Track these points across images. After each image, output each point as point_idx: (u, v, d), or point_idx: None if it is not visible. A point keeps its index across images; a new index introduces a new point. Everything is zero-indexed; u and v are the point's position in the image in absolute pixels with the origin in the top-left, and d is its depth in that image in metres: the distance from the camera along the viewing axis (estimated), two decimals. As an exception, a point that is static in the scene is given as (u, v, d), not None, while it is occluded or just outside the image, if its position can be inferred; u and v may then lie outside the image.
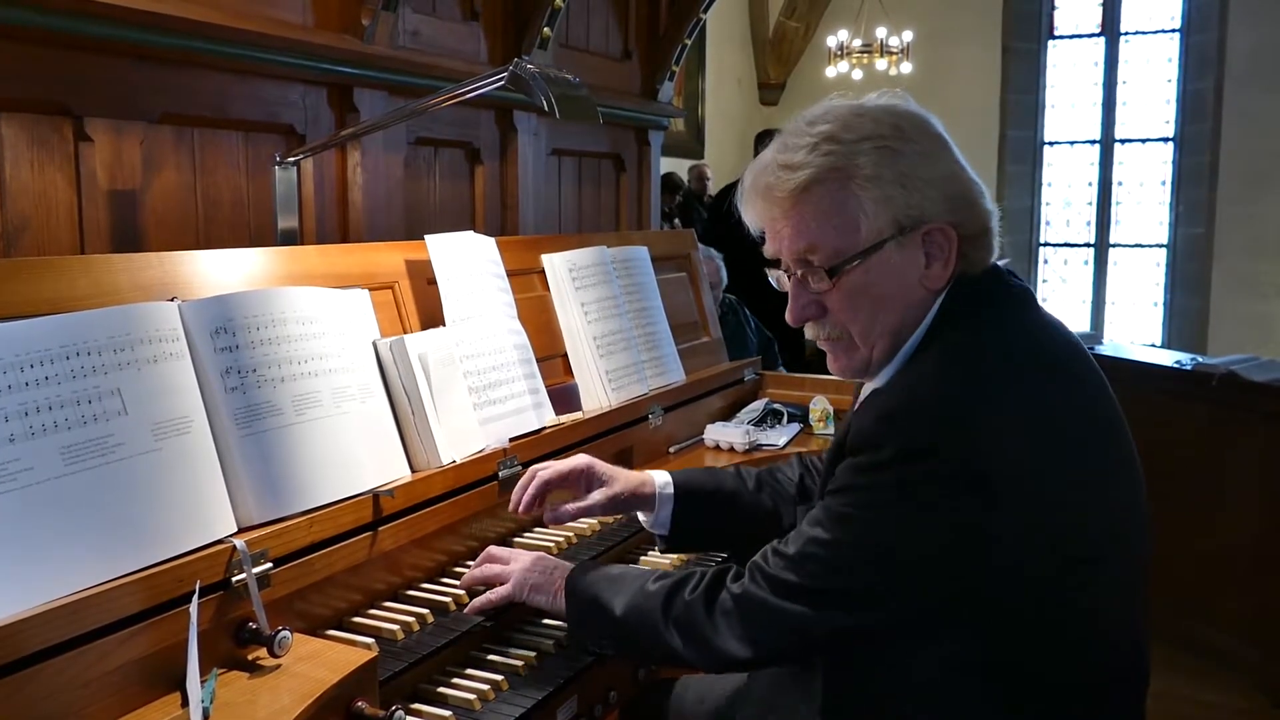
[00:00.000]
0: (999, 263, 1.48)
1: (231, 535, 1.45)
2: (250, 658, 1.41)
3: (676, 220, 8.93)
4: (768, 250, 1.49)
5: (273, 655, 1.39)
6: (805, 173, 1.39)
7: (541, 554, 1.76)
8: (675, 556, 2.07)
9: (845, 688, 1.43)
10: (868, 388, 1.52)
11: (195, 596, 1.32)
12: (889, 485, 1.30)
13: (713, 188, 10.29)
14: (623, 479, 1.84)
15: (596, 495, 1.81)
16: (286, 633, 1.39)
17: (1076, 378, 1.40)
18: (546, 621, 1.77)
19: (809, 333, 1.51)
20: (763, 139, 6.36)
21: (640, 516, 1.90)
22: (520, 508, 1.80)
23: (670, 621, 1.47)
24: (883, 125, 1.39)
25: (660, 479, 1.86)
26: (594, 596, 1.58)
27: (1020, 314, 1.43)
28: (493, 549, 1.80)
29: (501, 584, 1.69)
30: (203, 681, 1.29)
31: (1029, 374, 1.35)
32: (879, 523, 1.32)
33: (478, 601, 1.67)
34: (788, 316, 1.49)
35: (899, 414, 1.33)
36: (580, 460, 1.84)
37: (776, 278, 1.53)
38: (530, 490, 1.80)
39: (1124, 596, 1.40)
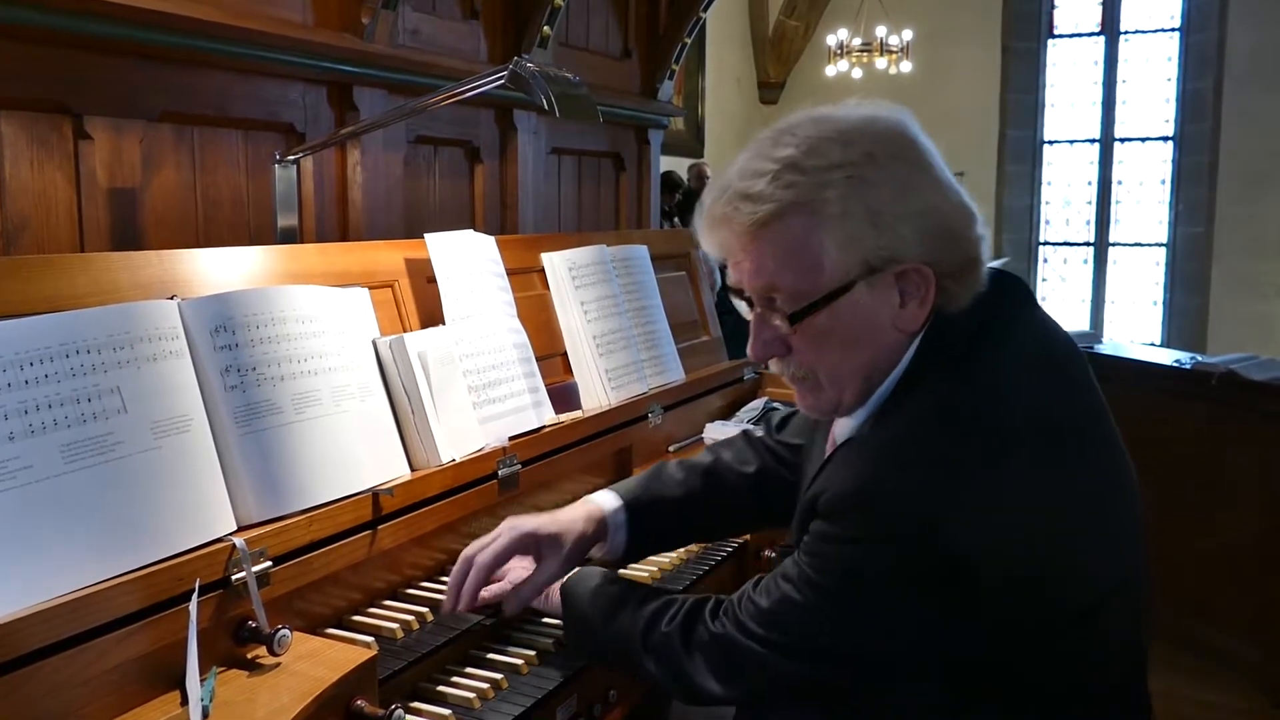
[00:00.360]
0: (994, 265, 1.36)
1: (231, 534, 1.45)
2: (250, 656, 1.41)
3: (676, 219, 8.93)
4: (730, 278, 1.37)
5: (272, 654, 1.39)
6: (765, 207, 1.26)
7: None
8: (674, 555, 2.06)
9: (845, 709, 1.38)
10: (840, 430, 1.42)
11: (194, 595, 1.32)
12: (864, 565, 1.24)
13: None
14: (568, 527, 1.66)
15: (550, 564, 1.64)
16: (286, 631, 1.39)
17: (1070, 428, 1.31)
18: (546, 620, 1.77)
19: (774, 368, 1.40)
20: None
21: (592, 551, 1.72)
22: (462, 605, 1.59)
23: (649, 650, 1.45)
24: (854, 150, 1.25)
25: (608, 504, 1.71)
26: (582, 615, 1.57)
27: (1006, 355, 1.30)
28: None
29: (496, 583, 1.68)
30: (202, 680, 1.29)
31: (1015, 441, 1.24)
32: (853, 599, 1.26)
33: (466, 598, 1.65)
34: (749, 352, 1.37)
35: (874, 495, 1.24)
36: (513, 534, 1.64)
37: (741, 306, 1.40)
38: (470, 582, 1.59)
39: (1123, 638, 1.36)
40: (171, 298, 1.53)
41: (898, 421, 1.29)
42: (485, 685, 1.54)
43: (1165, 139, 10.66)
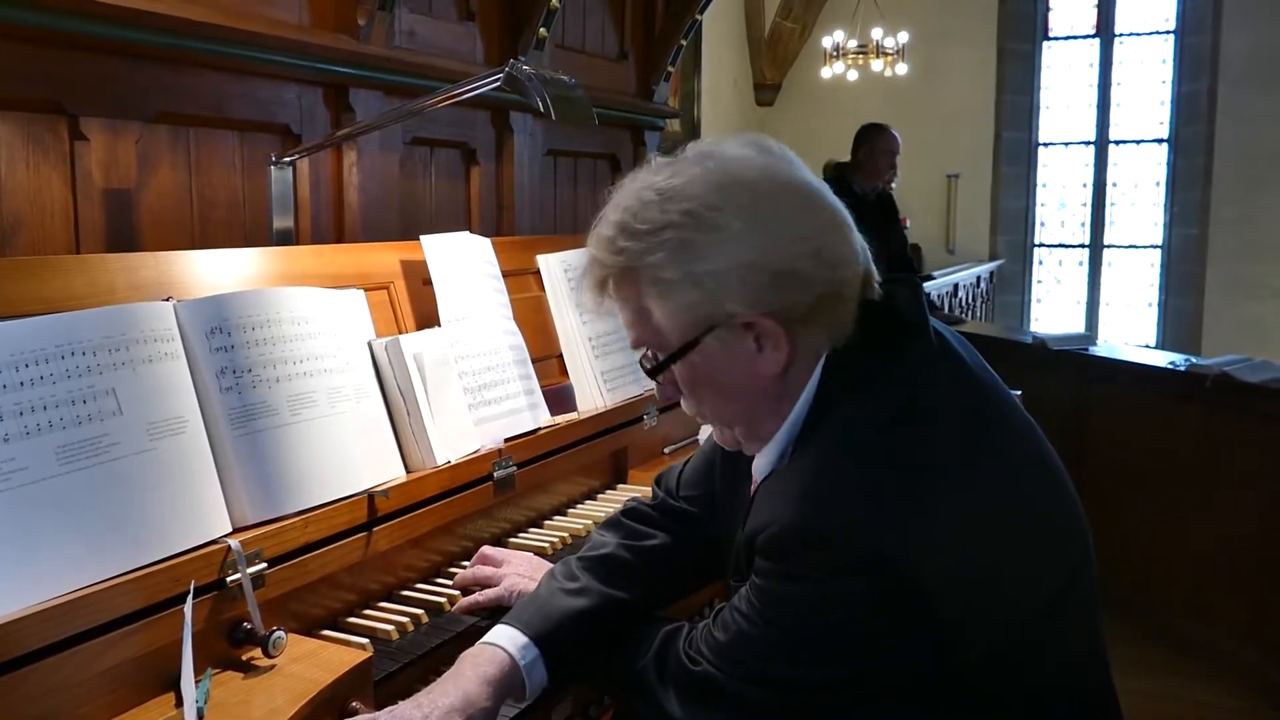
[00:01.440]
0: (883, 288, 1.32)
1: (226, 535, 1.45)
2: (245, 658, 1.41)
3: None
4: None
5: (267, 655, 1.39)
6: (601, 272, 1.31)
7: (533, 556, 1.75)
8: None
9: None
10: (759, 467, 1.38)
11: (190, 596, 1.32)
12: (815, 598, 1.21)
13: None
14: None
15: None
16: (281, 633, 1.39)
17: (984, 425, 1.30)
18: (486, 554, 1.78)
19: (686, 409, 1.40)
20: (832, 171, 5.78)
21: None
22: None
23: (631, 684, 1.41)
24: (672, 210, 1.23)
25: (514, 648, 1.42)
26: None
27: (906, 367, 1.28)
28: (486, 549, 1.80)
29: (492, 586, 1.68)
30: (197, 682, 1.29)
31: (935, 452, 1.23)
32: (809, 631, 1.23)
33: (465, 601, 1.68)
34: (657, 395, 1.42)
35: (813, 531, 1.20)
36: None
37: None
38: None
39: (1084, 622, 1.35)
40: (167, 299, 1.53)
41: (814, 453, 1.27)
42: (481, 687, 1.54)
43: (1160, 141, 10.69)
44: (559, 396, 2.28)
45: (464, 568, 1.85)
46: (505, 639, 1.42)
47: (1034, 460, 1.34)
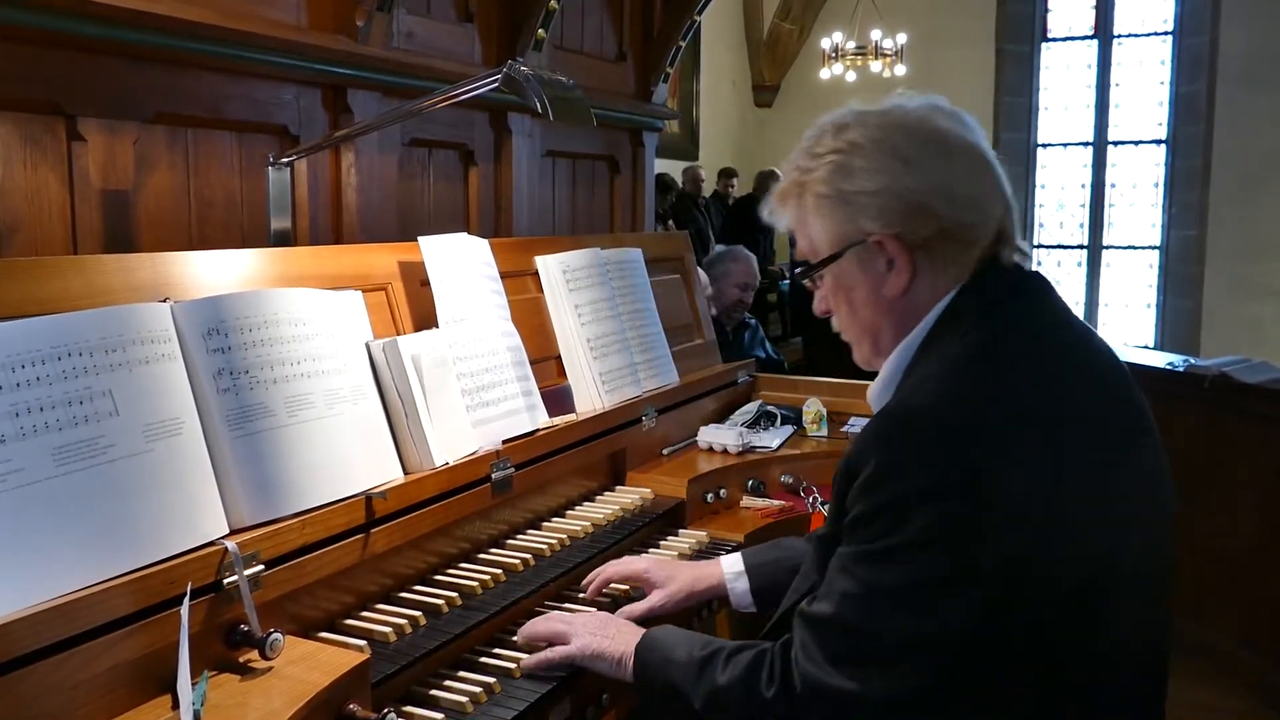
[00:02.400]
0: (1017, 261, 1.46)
1: (223, 537, 1.44)
2: (242, 660, 1.41)
3: (670, 222, 8.94)
4: None
5: (264, 657, 1.38)
6: (783, 185, 1.53)
7: (608, 616, 1.70)
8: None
9: None
10: (873, 402, 1.51)
11: (186, 598, 1.32)
12: (888, 507, 1.28)
13: (706, 189, 10.31)
14: (679, 581, 1.85)
15: (656, 596, 1.83)
16: (278, 635, 1.39)
17: (1076, 396, 1.37)
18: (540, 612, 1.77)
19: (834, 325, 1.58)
20: None
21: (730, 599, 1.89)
22: (589, 591, 1.90)
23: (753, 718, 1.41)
24: (842, 138, 1.44)
25: (730, 570, 1.86)
26: (668, 684, 1.50)
27: (1024, 315, 1.41)
28: (554, 614, 1.75)
29: (563, 643, 1.63)
30: (194, 684, 1.29)
31: (1025, 387, 1.33)
32: (891, 553, 1.28)
33: (535, 658, 1.62)
34: (814, 307, 1.59)
35: (889, 427, 1.33)
36: (638, 566, 1.90)
37: None
38: (595, 583, 1.90)
39: (1141, 633, 1.38)
40: (164, 300, 1.52)
41: (913, 381, 1.41)
42: (478, 689, 1.54)
43: (1158, 142, 10.70)
44: (557, 398, 2.28)
45: (462, 570, 1.85)
46: (729, 564, 1.87)
47: (1129, 444, 1.40)
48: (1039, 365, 1.37)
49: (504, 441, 1.99)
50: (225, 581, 1.40)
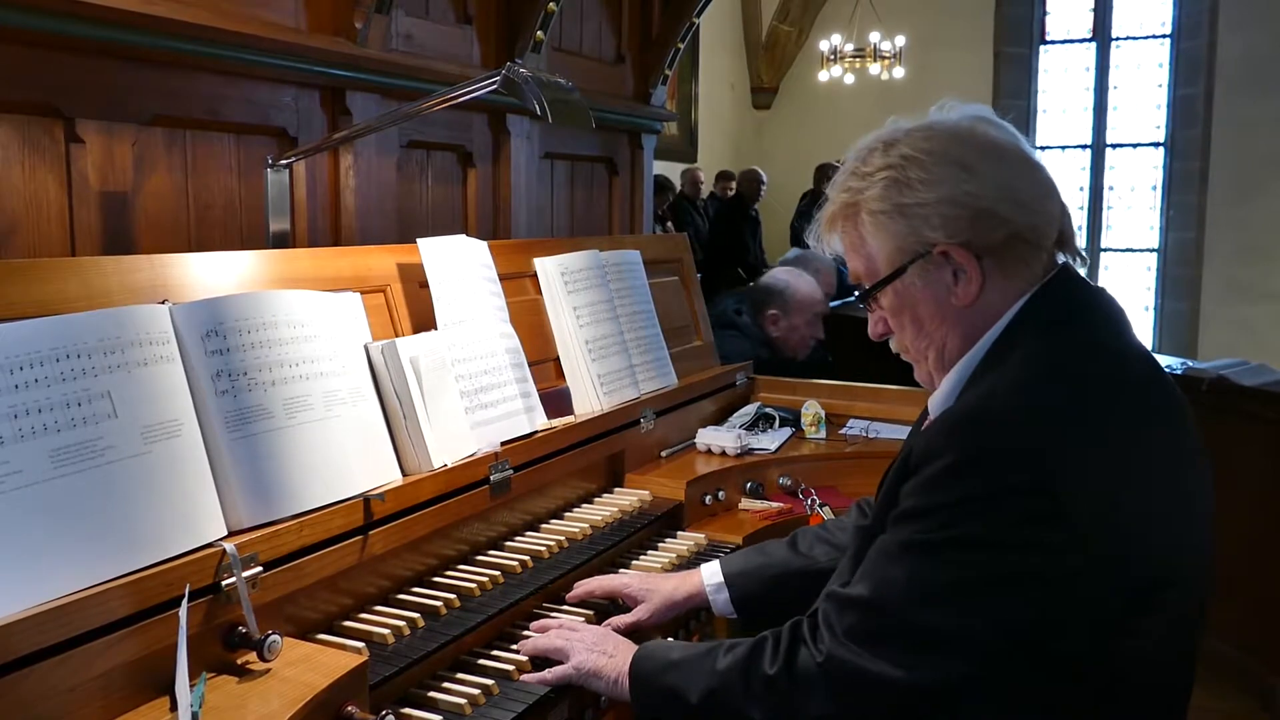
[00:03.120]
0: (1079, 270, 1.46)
1: (221, 539, 1.44)
2: (239, 662, 1.41)
3: (669, 223, 8.95)
4: None
5: (262, 659, 1.38)
6: (832, 208, 1.50)
7: (606, 631, 1.69)
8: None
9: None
10: (935, 408, 1.50)
11: (184, 600, 1.32)
12: (958, 502, 1.28)
13: (704, 191, 10.32)
14: (660, 593, 1.84)
15: (640, 611, 1.82)
16: (276, 637, 1.39)
17: (1149, 402, 1.38)
18: (538, 624, 1.77)
19: (893, 346, 1.56)
20: None
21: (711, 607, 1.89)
22: (570, 596, 1.89)
23: (754, 702, 1.40)
24: (892, 154, 1.42)
25: (710, 580, 1.85)
26: (664, 688, 1.50)
27: (1092, 329, 1.40)
28: (554, 629, 1.72)
29: (561, 659, 1.62)
30: (191, 686, 1.29)
31: (1100, 392, 1.32)
32: (952, 545, 1.28)
33: (532, 677, 1.61)
34: (869, 330, 1.57)
35: (966, 424, 1.32)
36: (619, 581, 1.89)
37: None
38: (577, 592, 1.89)
39: (1181, 638, 1.37)
40: (163, 302, 1.52)
41: (989, 382, 1.38)
42: (477, 691, 1.54)
43: (1156, 145, 10.71)
44: (556, 400, 2.28)
45: (460, 571, 1.85)
46: (708, 572, 1.86)
47: (1191, 455, 1.40)
48: (1110, 383, 1.35)
49: (502, 443, 1.99)
50: (223, 583, 1.39)
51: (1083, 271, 1.51)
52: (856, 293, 1.54)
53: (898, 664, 1.30)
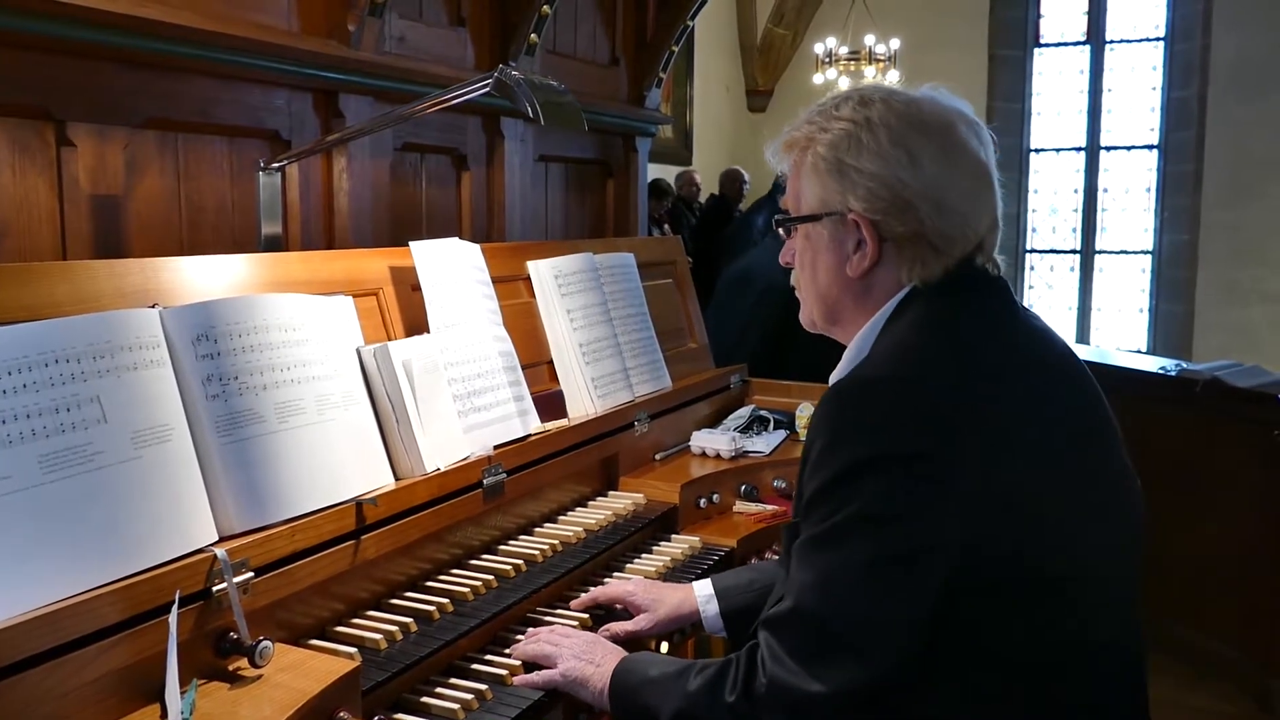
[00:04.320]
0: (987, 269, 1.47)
1: (212, 544, 1.43)
2: (231, 668, 1.40)
3: (666, 226, 8.94)
4: None
5: (254, 666, 1.38)
6: (794, 134, 1.53)
7: (595, 638, 1.68)
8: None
9: None
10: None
11: (175, 606, 1.31)
12: (840, 481, 1.29)
13: (702, 194, 10.32)
14: (666, 605, 1.84)
15: (642, 620, 1.82)
16: (268, 643, 1.38)
17: (1043, 378, 1.40)
18: (532, 630, 1.77)
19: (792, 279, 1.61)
20: None
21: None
22: (574, 605, 1.90)
23: None
24: (861, 113, 1.44)
25: (702, 594, 1.84)
26: (640, 705, 1.51)
27: (984, 304, 1.43)
28: (544, 634, 1.71)
29: (549, 665, 1.62)
30: (183, 692, 1.28)
31: (979, 368, 1.34)
32: (845, 529, 1.28)
33: (520, 679, 1.61)
34: (780, 254, 1.61)
35: (836, 399, 1.35)
36: (625, 588, 1.89)
37: None
38: (583, 600, 1.89)
39: (1110, 615, 1.37)
40: (153, 306, 1.51)
41: (871, 363, 1.41)
42: (470, 696, 1.53)
43: (1150, 147, 10.71)
44: (549, 403, 2.28)
45: (453, 576, 1.84)
46: (700, 588, 1.84)
47: (1088, 445, 1.41)
48: (998, 350, 1.39)
49: (496, 447, 1.98)
50: (214, 589, 1.39)
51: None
52: (774, 219, 1.60)
53: (834, 675, 1.28)
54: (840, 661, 1.29)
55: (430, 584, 1.81)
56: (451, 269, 2.08)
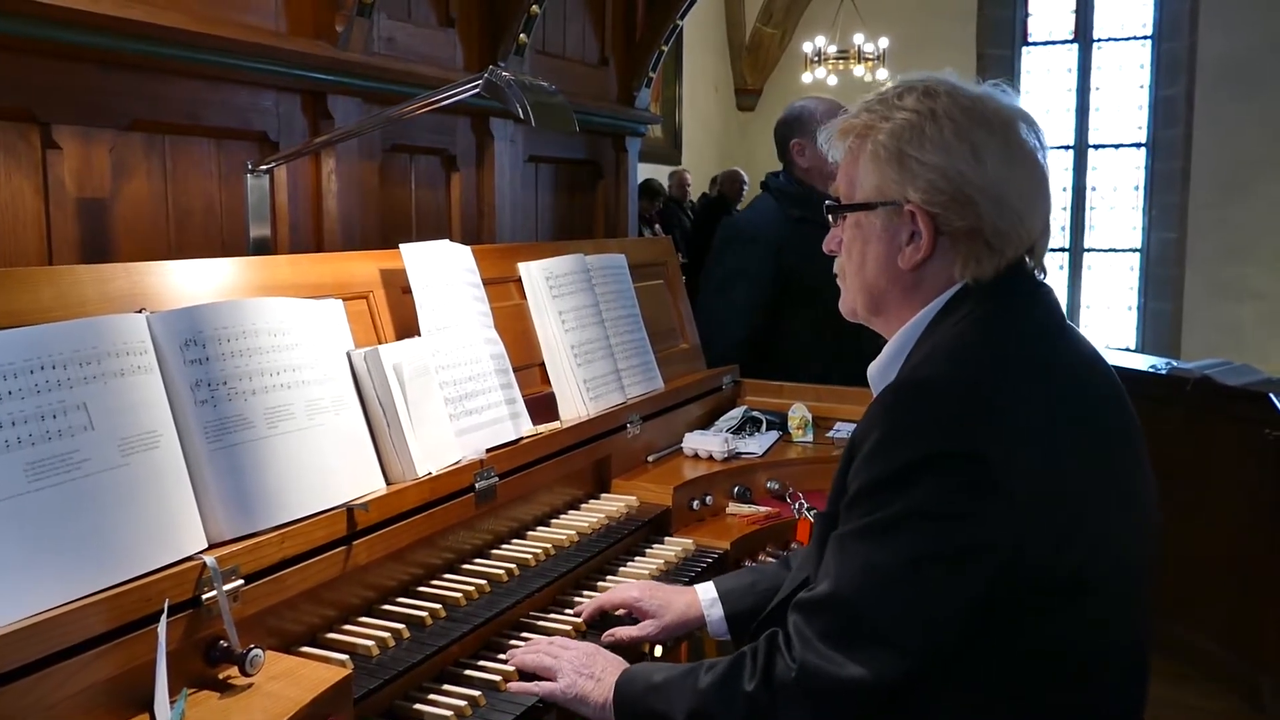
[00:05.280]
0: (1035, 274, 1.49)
1: (202, 552, 1.42)
2: (221, 677, 1.38)
3: (657, 226, 8.93)
4: None
5: (244, 674, 1.36)
6: (851, 121, 1.51)
7: (595, 649, 1.65)
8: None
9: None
10: (874, 383, 1.53)
11: (164, 615, 1.29)
12: (894, 476, 1.29)
13: (693, 193, 10.32)
14: (673, 610, 1.81)
15: (649, 626, 1.79)
16: (258, 651, 1.37)
17: (1086, 391, 1.39)
18: (525, 635, 1.75)
19: (835, 266, 1.60)
20: None
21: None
22: (583, 617, 1.86)
23: (732, 714, 1.38)
24: (926, 104, 1.43)
25: (706, 597, 1.82)
26: (648, 711, 1.48)
27: (1027, 317, 1.43)
28: (543, 644, 1.68)
29: (549, 678, 1.59)
30: (172, 702, 1.27)
31: (1031, 372, 1.34)
32: (896, 523, 1.28)
33: (519, 687, 1.59)
34: (825, 242, 1.61)
35: (894, 396, 1.35)
36: (631, 594, 1.85)
37: None
38: (588, 609, 1.86)
39: (1127, 619, 1.38)
40: (140, 311, 1.50)
41: (920, 355, 1.42)
42: (463, 703, 1.52)
43: (1138, 145, 10.77)
44: (541, 405, 2.26)
45: (446, 580, 1.83)
46: (704, 591, 1.82)
47: (1133, 453, 1.43)
48: (1049, 354, 1.39)
49: (488, 450, 1.97)
50: (204, 597, 1.37)
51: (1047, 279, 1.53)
52: (826, 206, 1.57)
53: (867, 662, 1.28)
54: (872, 651, 1.29)
55: (422, 589, 1.80)
56: (442, 271, 2.06)
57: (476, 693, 1.55)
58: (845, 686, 1.29)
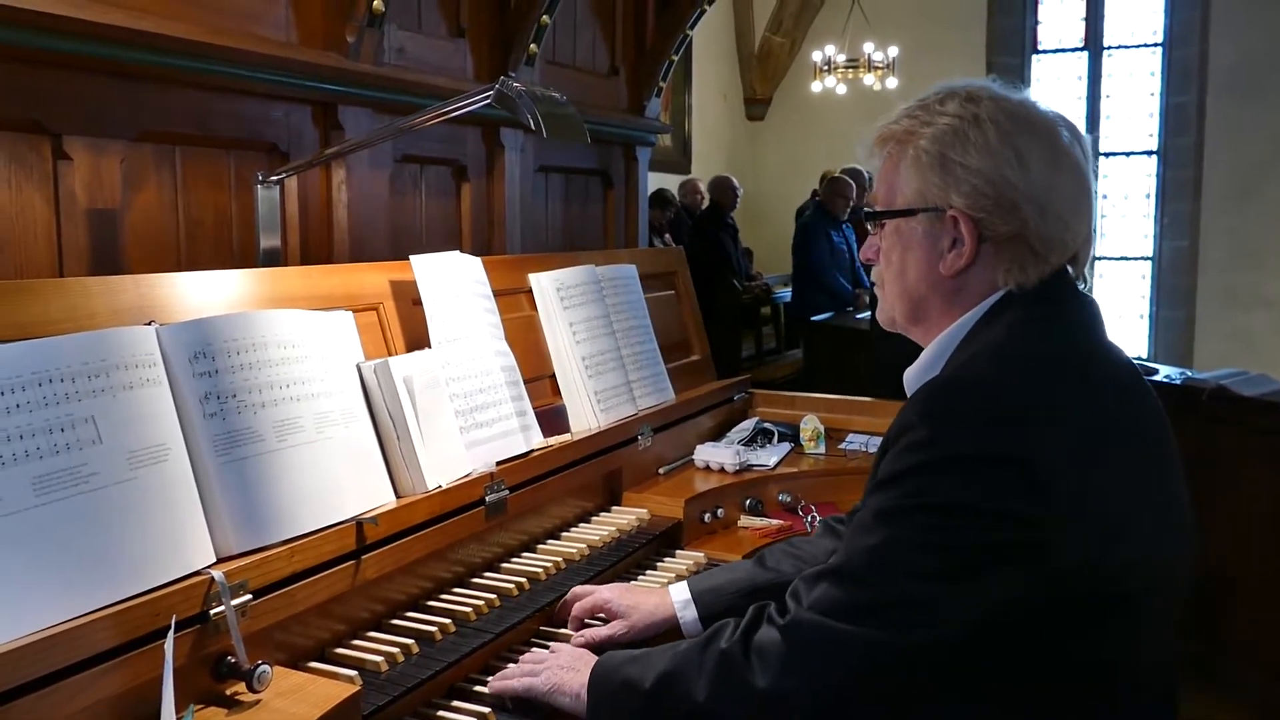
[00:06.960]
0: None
1: (210, 566, 1.41)
2: (229, 693, 1.37)
3: (667, 236, 8.92)
4: None
5: (252, 690, 1.34)
6: (891, 127, 1.49)
7: (579, 650, 1.65)
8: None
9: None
10: (910, 385, 1.51)
11: (171, 631, 1.28)
12: (932, 467, 1.26)
13: (705, 204, 10.31)
14: (642, 610, 1.78)
15: (618, 625, 1.77)
16: (266, 667, 1.35)
17: (1127, 401, 1.37)
18: (537, 651, 1.74)
19: (872, 275, 1.59)
20: None
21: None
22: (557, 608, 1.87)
23: (703, 677, 1.35)
24: (969, 109, 1.41)
25: (679, 598, 1.79)
26: (620, 681, 1.45)
27: (1073, 325, 1.41)
28: (529, 657, 1.68)
29: (534, 676, 1.58)
30: (179, 718, 1.25)
31: (1077, 379, 1.32)
32: (926, 511, 1.26)
33: (497, 683, 1.59)
34: (861, 251, 1.61)
35: (939, 392, 1.33)
36: (602, 596, 1.82)
37: None
38: (572, 616, 1.84)
39: (1159, 636, 1.36)
40: (149, 323, 1.49)
41: (965, 355, 1.41)
42: (472, 719, 1.50)
43: (1149, 153, 10.72)
44: (552, 417, 2.25)
45: (456, 595, 1.81)
46: (676, 592, 1.79)
47: (1170, 464, 1.41)
48: (1093, 364, 1.37)
49: (498, 463, 1.96)
50: (212, 612, 1.36)
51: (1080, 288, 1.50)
52: (864, 212, 1.56)
53: (862, 624, 1.26)
54: (869, 624, 1.26)
55: (432, 603, 1.78)
56: (452, 283, 2.05)
57: (486, 709, 1.53)
58: (831, 641, 1.27)
